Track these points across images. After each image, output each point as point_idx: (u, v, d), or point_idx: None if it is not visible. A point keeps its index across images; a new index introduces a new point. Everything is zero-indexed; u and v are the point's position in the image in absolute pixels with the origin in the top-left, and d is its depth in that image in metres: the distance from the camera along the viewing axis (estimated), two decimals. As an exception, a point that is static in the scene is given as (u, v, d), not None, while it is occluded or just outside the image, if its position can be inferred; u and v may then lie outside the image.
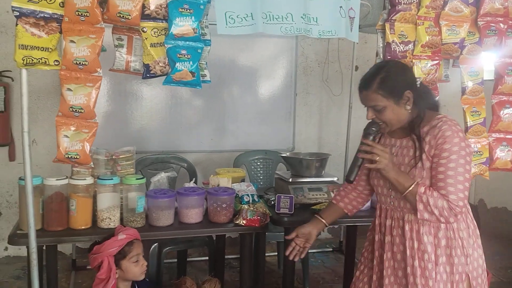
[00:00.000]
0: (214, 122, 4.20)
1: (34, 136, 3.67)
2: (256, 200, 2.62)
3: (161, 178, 2.65)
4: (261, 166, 3.99)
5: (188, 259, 3.67)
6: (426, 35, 2.04)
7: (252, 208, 2.54)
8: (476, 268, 1.77)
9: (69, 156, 1.76)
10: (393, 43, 2.00)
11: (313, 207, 2.65)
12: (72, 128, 1.75)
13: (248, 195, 2.61)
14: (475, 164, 2.20)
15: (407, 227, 1.78)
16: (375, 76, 1.73)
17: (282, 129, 4.38)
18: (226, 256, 3.28)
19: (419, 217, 1.71)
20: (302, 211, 2.66)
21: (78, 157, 1.77)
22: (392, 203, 1.84)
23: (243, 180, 2.99)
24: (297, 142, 4.41)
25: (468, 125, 2.19)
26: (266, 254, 3.79)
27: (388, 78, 1.72)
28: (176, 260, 3.55)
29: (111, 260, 1.94)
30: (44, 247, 2.54)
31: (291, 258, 2.09)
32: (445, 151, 1.66)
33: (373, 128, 1.78)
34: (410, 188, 1.69)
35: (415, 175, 1.73)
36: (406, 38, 2.03)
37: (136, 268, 2.05)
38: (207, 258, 3.47)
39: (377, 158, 1.69)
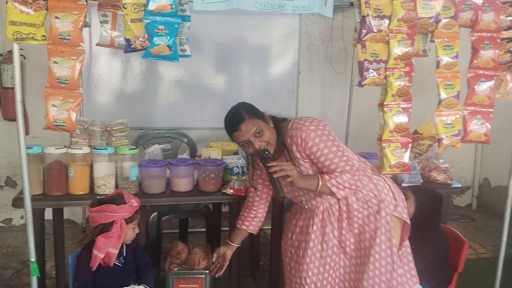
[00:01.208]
0: (218, 100, 4.30)
1: (41, 111, 3.87)
2: (246, 172, 2.74)
3: (155, 149, 2.81)
4: (260, 142, 4.10)
5: (189, 230, 3.84)
6: (402, 10, 2.08)
7: (240, 179, 2.68)
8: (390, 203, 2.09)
9: (57, 124, 1.93)
10: (368, 17, 2.06)
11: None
12: (60, 98, 1.91)
13: (238, 167, 2.75)
14: (447, 136, 2.26)
15: (331, 211, 2.10)
16: (239, 111, 2.00)
17: (285, 107, 4.43)
18: (223, 228, 3.43)
19: (340, 197, 1.98)
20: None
21: (65, 124, 1.94)
22: (308, 205, 2.15)
23: (235, 153, 3.12)
24: (300, 115, 4.49)
25: (441, 98, 2.24)
26: (267, 227, 3.93)
27: (247, 107, 2.02)
28: (178, 230, 3.74)
29: (123, 223, 2.10)
30: (51, 216, 2.76)
31: (212, 274, 2.44)
32: (313, 147, 1.95)
33: (266, 152, 1.96)
34: (319, 183, 1.96)
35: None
36: (381, 12, 2.07)
37: (132, 233, 2.21)
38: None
39: (289, 172, 1.90)
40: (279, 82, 4.39)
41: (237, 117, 1.98)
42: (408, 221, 2.13)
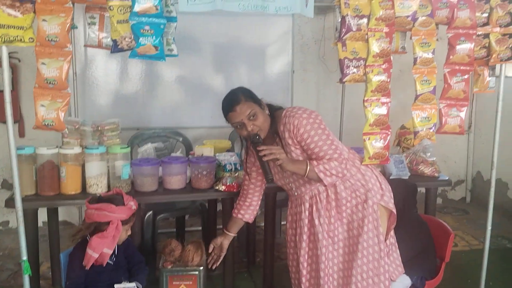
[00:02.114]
0: (214, 99, 4.32)
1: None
2: (239, 168, 2.78)
3: (147, 148, 2.85)
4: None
5: (186, 229, 3.89)
6: (380, 9, 2.13)
7: (233, 176, 2.72)
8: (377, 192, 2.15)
9: (46, 123, 1.98)
10: (347, 17, 2.11)
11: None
12: (48, 98, 1.96)
13: (231, 163, 2.79)
14: (423, 129, 2.33)
15: (318, 198, 2.15)
16: (237, 93, 2.09)
17: (280, 104, 4.48)
18: (219, 226, 3.47)
19: (327, 184, 2.03)
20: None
21: (53, 124, 1.99)
22: (298, 192, 2.20)
23: (229, 150, 3.16)
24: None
25: (418, 93, 2.30)
26: (262, 224, 3.97)
27: (245, 91, 2.11)
28: (175, 229, 3.79)
29: (120, 224, 2.13)
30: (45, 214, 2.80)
31: (209, 266, 2.51)
32: (304, 134, 2.02)
33: (257, 137, 2.05)
34: (308, 168, 2.02)
35: None
36: (360, 12, 2.12)
37: (125, 235, 2.25)
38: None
39: (278, 156, 1.98)
40: (274, 81, 4.44)
41: (234, 98, 2.07)
42: (394, 211, 2.18)
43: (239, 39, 4.31)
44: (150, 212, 3.22)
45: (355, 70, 2.13)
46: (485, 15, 2.38)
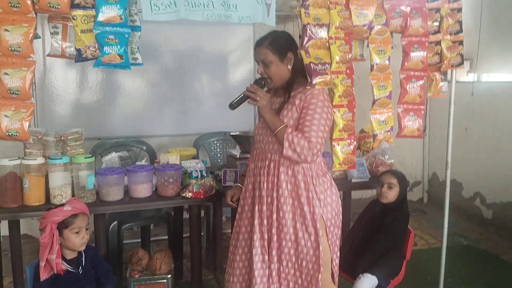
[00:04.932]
0: (177, 108, 4.37)
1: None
2: (205, 175, 2.80)
3: (112, 157, 2.83)
4: (220, 147, 4.20)
5: (152, 239, 3.86)
6: (338, 18, 2.22)
7: (199, 182, 2.75)
8: (330, 211, 2.13)
9: (10, 134, 1.95)
10: (308, 25, 2.19)
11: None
12: (12, 108, 1.93)
13: (196, 170, 2.81)
14: (381, 132, 2.44)
15: (271, 165, 2.16)
16: (268, 37, 2.14)
17: (242, 112, 4.52)
18: (187, 235, 3.48)
19: (284, 154, 2.04)
20: (247, 183, 2.87)
21: (17, 134, 1.96)
22: (264, 147, 2.22)
23: (194, 158, 3.18)
24: (258, 124, 4.60)
25: (375, 98, 2.42)
26: (229, 231, 4.00)
27: (277, 39, 2.13)
28: (140, 240, 3.76)
29: (54, 227, 2.09)
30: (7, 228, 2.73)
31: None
32: (312, 104, 2.05)
33: (262, 81, 2.17)
34: (280, 128, 2.05)
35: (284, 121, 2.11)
36: (320, 21, 2.21)
37: (77, 239, 2.17)
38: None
39: (258, 98, 2.07)
40: (237, 88, 4.37)
41: (260, 40, 2.16)
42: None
43: (200, 47, 4.35)
44: (115, 222, 3.19)
45: (322, 73, 2.18)
46: (436, 23, 2.52)
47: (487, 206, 4.46)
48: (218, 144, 4.21)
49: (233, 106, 2.19)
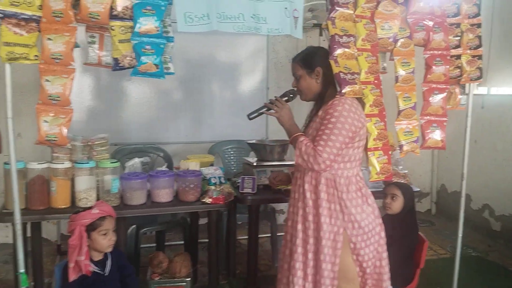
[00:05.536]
0: (191, 115, 4.45)
1: (19, 130, 3.88)
2: (223, 181, 2.88)
3: (134, 163, 2.90)
4: (234, 154, 4.27)
5: (166, 243, 3.92)
6: (365, 31, 2.30)
7: (218, 189, 2.82)
8: (357, 229, 2.13)
9: (49, 139, 2.02)
10: (336, 36, 2.25)
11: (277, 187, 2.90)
12: (51, 114, 2.01)
13: (215, 177, 2.88)
14: (407, 143, 2.50)
15: (298, 175, 2.26)
16: (302, 52, 2.29)
17: (255, 120, 4.61)
18: (201, 240, 3.55)
19: (295, 161, 2.15)
20: (265, 191, 2.94)
21: (56, 139, 2.03)
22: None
23: (212, 165, 3.26)
24: (270, 133, 4.64)
25: (400, 109, 2.47)
26: (242, 237, 4.07)
27: (308, 54, 2.26)
28: (155, 244, 3.82)
29: (82, 230, 2.16)
30: (29, 228, 2.79)
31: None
32: (329, 115, 2.10)
33: (290, 93, 2.32)
34: (294, 136, 2.17)
35: (308, 134, 2.20)
36: (347, 32, 2.28)
37: (104, 241, 2.25)
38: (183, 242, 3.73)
39: (276, 108, 2.22)
40: (249, 97, 4.56)
41: (296, 55, 2.30)
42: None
43: (214, 56, 4.44)
44: (133, 226, 3.26)
45: (351, 82, 2.20)
46: (457, 38, 2.61)
47: (495, 218, 4.52)
48: (232, 152, 4.29)
49: (251, 116, 2.29)
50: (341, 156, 2.11)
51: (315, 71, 2.20)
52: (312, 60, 2.22)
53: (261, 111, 2.28)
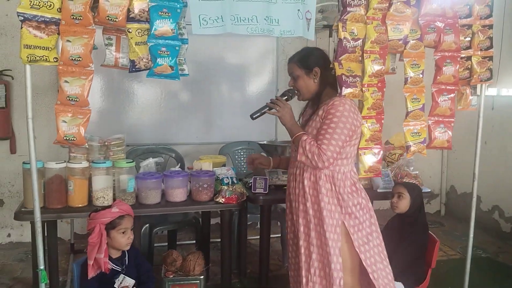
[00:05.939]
0: (202, 117, 4.49)
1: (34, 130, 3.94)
2: (235, 182, 2.93)
3: (149, 163, 2.96)
4: (244, 155, 4.31)
5: (177, 243, 3.97)
6: (375, 33, 2.34)
7: (230, 189, 2.86)
8: (353, 219, 2.23)
9: (67, 138, 2.08)
10: (344, 40, 2.31)
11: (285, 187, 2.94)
12: (69, 115, 2.07)
13: (227, 177, 2.93)
14: (414, 143, 2.54)
15: (297, 172, 2.32)
16: (299, 53, 2.34)
17: (265, 121, 4.64)
18: (212, 240, 3.59)
19: (298, 159, 2.19)
20: (276, 191, 2.97)
21: (74, 139, 2.09)
22: (293, 154, 2.33)
23: (224, 165, 3.30)
24: (279, 134, 4.65)
25: (409, 110, 2.52)
26: (252, 237, 4.11)
27: (306, 55, 2.30)
28: (166, 243, 3.87)
29: (102, 228, 2.22)
30: (45, 227, 2.85)
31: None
32: (330, 114, 2.16)
33: (289, 93, 2.35)
34: (297, 135, 2.21)
35: (308, 132, 2.24)
36: (356, 35, 2.33)
37: (123, 239, 2.31)
38: (195, 241, 3.78)
39: (278, 108, 2.25)
40: (259, 99, 4.57)
41: (293, 55, 2.35)
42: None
43: (224, 57, 4.48)
44: (147, 225, 3.31)
45: (352, 85, 2.30)
46: (468, 39, 2.64)
47: (505, 220, 4.52)
48: (242, 153, 4.33)
49: (254, 116, 2.32)
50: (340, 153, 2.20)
51: (313, 71, 2.27)
52: (310, 60, 2.28)
53: (263, 111, 2.32)
